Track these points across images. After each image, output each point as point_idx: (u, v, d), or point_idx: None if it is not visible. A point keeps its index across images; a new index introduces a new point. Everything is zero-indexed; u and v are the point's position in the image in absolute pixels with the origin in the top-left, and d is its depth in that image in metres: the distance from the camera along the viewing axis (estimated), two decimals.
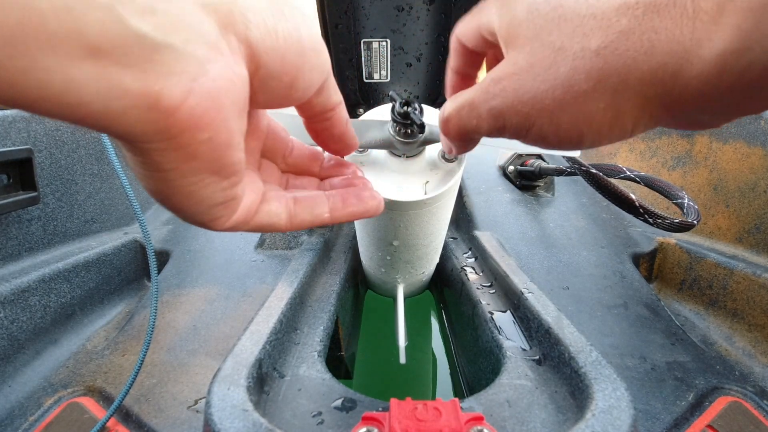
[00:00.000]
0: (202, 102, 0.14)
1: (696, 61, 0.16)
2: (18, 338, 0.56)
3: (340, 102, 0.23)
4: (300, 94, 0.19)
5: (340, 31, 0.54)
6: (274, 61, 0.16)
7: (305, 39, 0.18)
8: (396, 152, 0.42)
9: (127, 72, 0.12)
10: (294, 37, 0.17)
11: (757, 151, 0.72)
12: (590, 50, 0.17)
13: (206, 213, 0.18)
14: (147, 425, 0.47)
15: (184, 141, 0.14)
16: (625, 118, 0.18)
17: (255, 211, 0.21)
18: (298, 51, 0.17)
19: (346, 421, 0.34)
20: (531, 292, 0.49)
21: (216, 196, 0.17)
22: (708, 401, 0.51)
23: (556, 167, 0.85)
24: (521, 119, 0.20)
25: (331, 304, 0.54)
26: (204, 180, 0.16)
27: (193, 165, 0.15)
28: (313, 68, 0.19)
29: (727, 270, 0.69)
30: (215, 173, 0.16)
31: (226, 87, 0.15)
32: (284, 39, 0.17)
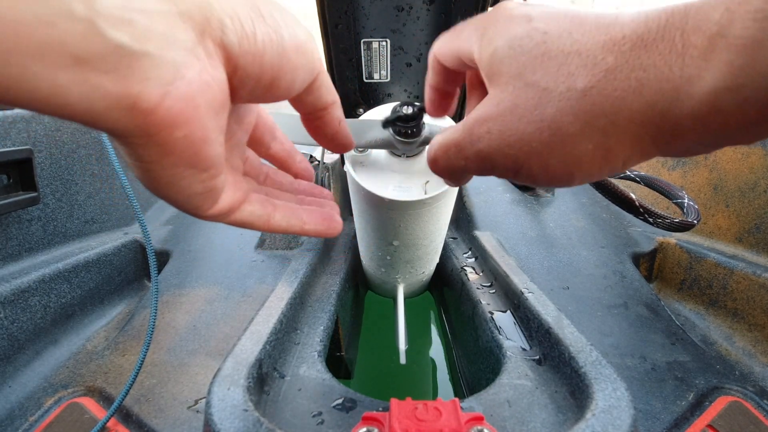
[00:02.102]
0: (178, 103, 0.15)
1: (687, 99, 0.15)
2: (18, 338, 0.56)
3: (334, 102, 0.24)
4: (282, 92, 0.20)
5: (340, 31, 0.54)
6: (252, 64, 0.17)
7: (287, 41, 0.18)
8: (396, 152, 0.42)
9: (107, 78, 0.13)
10: (273, 39, 0.18)
11: (757, 151, 0.72)
12: (576, 91, 0.17)
13: (187, 201, 0.19)
14: (147, 425, 0.47)
15: (161, 138, 0.16)
16: (615, 157, 0.18)
17: (237, 207, 0.23)
18: (277, 53, 0.18)
19: (346, 421, 0.34)
20: (531, 292, 0.49)
21: (195, 187, 0.18)
22: (708, 401, 0.50)
23: None
24: (509, 162, 0.20)
25: (331, 304, 0.54)
26: (182, 172, 0.17)
27: (171, 159, 0.17)
28: (296, 68, 0.19)
29: (727, 270, 0.69)
30: (193, 166, 0.17)
31: (201, 89, 0.16)
32: (262, 42, 0.17)
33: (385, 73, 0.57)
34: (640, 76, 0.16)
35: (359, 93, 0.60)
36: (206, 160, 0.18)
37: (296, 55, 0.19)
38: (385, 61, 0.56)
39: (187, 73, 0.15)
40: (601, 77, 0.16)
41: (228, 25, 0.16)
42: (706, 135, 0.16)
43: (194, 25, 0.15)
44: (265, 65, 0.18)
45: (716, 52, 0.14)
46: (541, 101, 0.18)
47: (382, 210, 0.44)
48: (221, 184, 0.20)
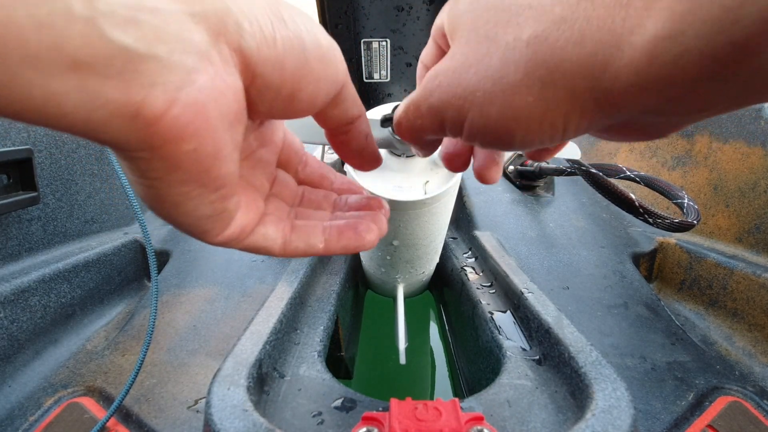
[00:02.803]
0: (187, 112, 0.14)
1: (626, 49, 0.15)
2: (18, 338, 0.56)
3: (360, 115, 0.22)
4: (304, 105, 0.18)
5: (340, 31, 0.54)
6: (272, 72, 0.16)
7: (309, 48, 0.17)
8: (396, 152, 0.42)
9: (108, 83, 0.12)
10: (295, 46, 0.16)
11: (757, 151, 0.72)
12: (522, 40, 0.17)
13: (195, 225, 0.17)
14: (147, 425, 0.47)
15: (167, 151, 0.14)
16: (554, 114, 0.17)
17: (250, 231, 0.21)
18: (299, 61, 0.17)
19: (346, 421, 0.34)
20: (531, 292, 0.49)
21: (203, 209, 0.17)
22: (708, 401, 0.51)
23: (556, 167, 0.85)
24: (455, 113, 0.19)
25: (331, 304, 0.54)
26: (191, 192, 0.16)
27: (178, 175, 0.15)
28: (318, 79, 0.18)
29: (727, 270, 0.69)
30: (202, 185, 0.16)
31: (214, 97, 0.14)
32: (283, 48, 0.16)
33: (385, 73, 0.57)
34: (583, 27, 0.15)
35: (359, 93, 0.60)
36: (218, 178, 0.16)
37: (319, 64, 0.17)
38: (385, 61, 0.56)
39: (198, 79, 0.14)
40: (546, 27, 0.16)
41: (246, 29, 0.15)
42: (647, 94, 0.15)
43: (208, 27, 0.14)
44: (286, 74, 0.16)
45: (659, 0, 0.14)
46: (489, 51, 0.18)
47: None
48: (234, 206, 0.18)
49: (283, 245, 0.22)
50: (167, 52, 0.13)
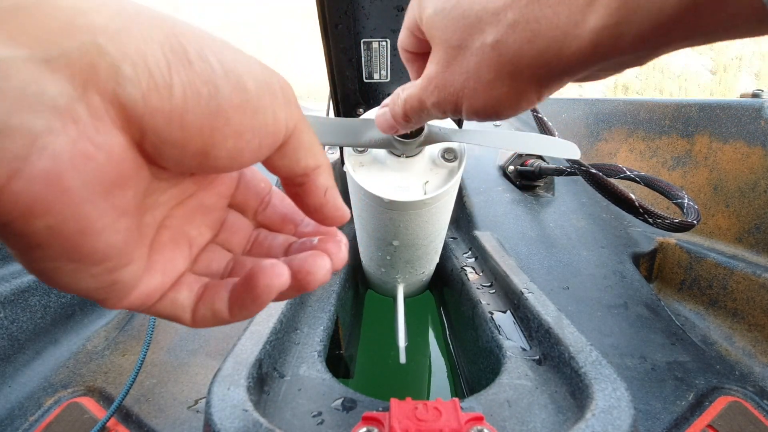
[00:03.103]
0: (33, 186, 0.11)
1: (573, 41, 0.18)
2: (18, 338, 0.56)
3: (318, 167, 0.19)
4: (226, 163, 0.15)
5: (340, 31, 0.53)
6: (166, 126, 0.13)
7: (225, 94, 0.14)
8: (396, 152, 0.42)
9: None
10: (202, 93, 0.13)
11: (757, 151, 0.72)
12: (487, 45, 0.21)
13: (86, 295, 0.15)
14: (147, 425, 0.47)
15: (17, 229, 0.12)
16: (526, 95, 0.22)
17: (159, 296, 0.18)
18: (208, 111, 0.13)
19: (346, 421, 0.34)
20: (531, 292, 0.49)
21: (85, 283, 0.14)
22: (708, 401, 0.50)
23: (556, 167, 0.85)
24: (453, 106, 0.25)
25: (331, 304, 0.54)
26: (62, 267, 0.13)
27: (42, 253, 0.13)
28: (241, 133, 0.14)
29: (727, 270, 0.69)
30: (75, 261, 0.13)
31: (74, 164, 0.12)
32: (183, 96, 0.13)
33: (385, 73, 0.57)
34: (534, 28, 0.19)
35: (359, 93, 0.60)
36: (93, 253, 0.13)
37: (240, 114, 0.14)
38: (385, 61, 0.56)
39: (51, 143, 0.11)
40: (504, 32, 0.20)
41: (126, 74, 0.12)
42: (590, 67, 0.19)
43: (72, 74, 0.11)
44: (190, 128, 0.13)
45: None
46: (464, 57, 0.22)
47: (382, 210, 0.44)
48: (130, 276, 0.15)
49: (192, 314, 0.18)
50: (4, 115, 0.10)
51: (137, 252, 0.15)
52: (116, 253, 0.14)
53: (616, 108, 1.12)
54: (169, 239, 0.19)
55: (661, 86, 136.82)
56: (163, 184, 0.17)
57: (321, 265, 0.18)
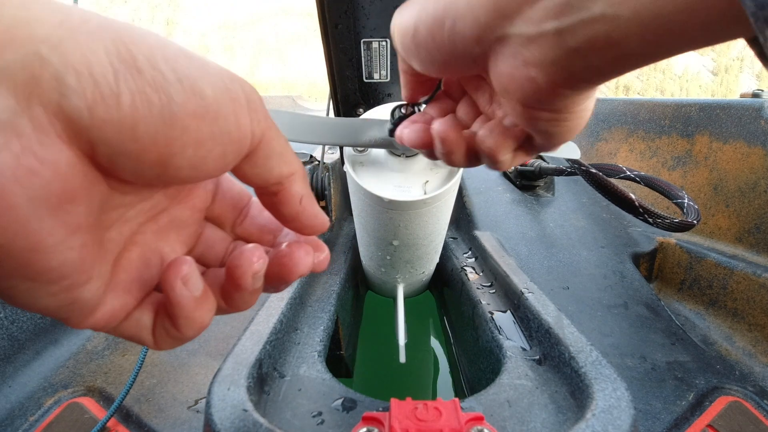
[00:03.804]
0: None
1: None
2: (18, 338, 0.56)
3: (291, 174, 0.18)
4: (190, 173, 0.14)
5: (340, 31, 0.53)
6: (117, 137, 0.12)
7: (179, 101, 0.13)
8: (396, 152, 0.42)
9: None
10: (153, 101, 0.13)
11: (757, 151, 0.72)
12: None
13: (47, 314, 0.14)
14: (147, 425, 0.47)
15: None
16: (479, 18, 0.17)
17: (124, 316, 0.17)
18: (161, 120, 0.13)
19: (346, 421, 0.34)
20: (531, 292, 0.49)
21: (44, 301, 0.14)
22: (708, 401, 0.51)
23: (556, 167, 0.85)
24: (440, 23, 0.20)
25: (331, 304, 0.54)
26: (18, 286, 0.13)
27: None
28: (201, 141, 0.14)
29: (727, 270, 0.69)
30: (30, 279, 0.13)
31: (19, 180, 0.11)
32: (132, 105, 0.12)
33: (385, 73, 0.57)
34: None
35: (359, 93, 0.60)
36: (48, 271, 0.13)
37: (198, 120, 0.14)
38: (385, 61, 0.56)
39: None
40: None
41: (71, 85, 0.12)
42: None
43: (14, 86, 0.11)
44: (143, 139, 0.13)
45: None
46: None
47: (382, 210, 0.44)
48: (91, 294, 0.15)
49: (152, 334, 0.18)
50: None
51: (96, 269, 0.15)
52: (72, 270, 0.13)
53: (616, 108, 1.12)
54: (138, 256, 0.18)
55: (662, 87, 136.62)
56: (129, 198, 0.16)
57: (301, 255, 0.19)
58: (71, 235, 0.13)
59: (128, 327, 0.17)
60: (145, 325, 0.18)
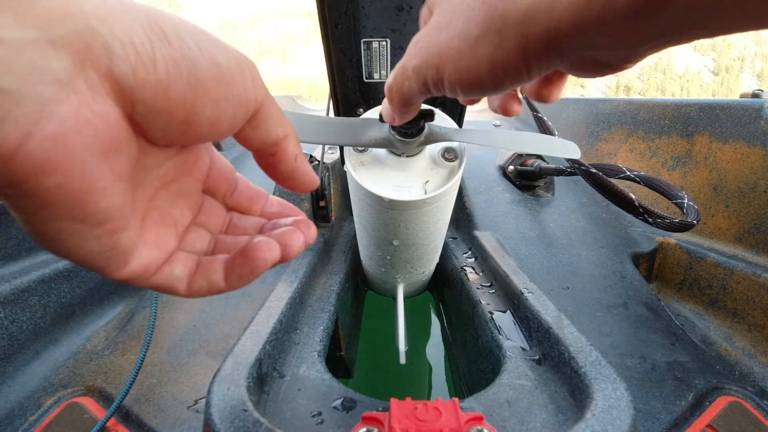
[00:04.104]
0: (45, 146, 0.13)
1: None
2: (18, 338, 0.56)
3: (286, 135, 0.21)
4: (206, 130, 0.17)
5: (340, 31, 0.54)
6: (154, 97, 0.15)
7: (202, 68, 0.16)
8: (396, 151, 0.42)
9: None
10: (182, 67, 0.15)
11: (757, 151, 0.72)
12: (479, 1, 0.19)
13: (85, 261, 0.16)
14: (147, 425, 0.47)
15: (30, 188, 0.13)
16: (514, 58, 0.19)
17: (156, 269, 0.20)
18: (188, 83, 0.16)
19: (346, 421, 0.34)
20: (531, 292, 0.49)
21: (89, 245, 0.16)
22: (708, 401, 0.51)
23: (556, 167, 0.85)
24: (434, 71, 0.22)
25: (331, 304, 0.54)
26: (69, 228, 0.15)
27: (50, 212, 0.14)
28: (217, 101, 0.17)
29: (727, 270, 0.69)
30: (80, 221, 0.15)
31: (78, 128, 0.13)
32: (166, 71, 0.15)
33: (385, 73, 0.57)
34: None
35: (359, 93, 0.60)
36: (96, 213, 0.15)
37: (217, 84, 0.16)
38: (385, 61, 0.56)
39: (58, 110, 0.13)
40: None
41: (117, 52, 0.14)
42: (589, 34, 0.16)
43: (71, 53, 0.13)
44: (174, 98, 0.15)
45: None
46: (455, 15, 0.20)
47: (382, 209, 0.44)
48: (128, 242, 0.17)
49: (188, 285, 0.21)
50: (17, 84, 0.12)
51: (132, 219, 0.17)
52: (114, 214, 0.16)
53: (616, 108, 1.12)
54: (158, 218, 0.20)
55: (663, 87, 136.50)
56: (150, 160, 0.19)
57: (297, 238, 0.22)
58: (116, 182, 0.15)
59: (161, 279, 0.20)
60: (178, 277, 0.21)
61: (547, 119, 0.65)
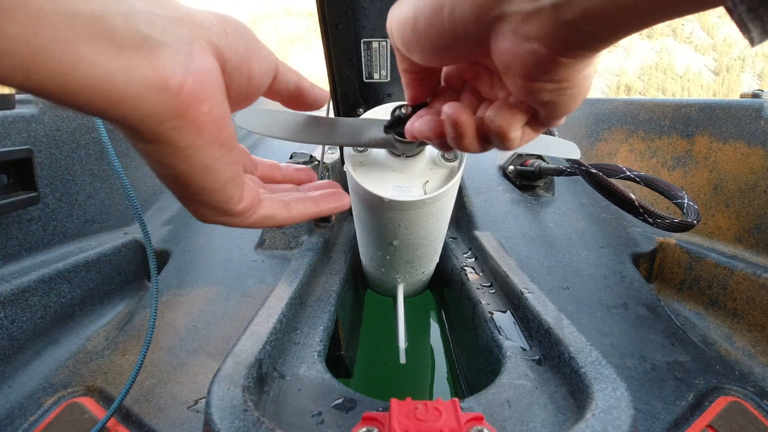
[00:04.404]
0: (197, 81, 0.18)
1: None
2: (18, 338, 0.56)
3: (299, 77, 0.28)
4: (258, 82, 0.24)
5: (340, 31, 0.54)
6: (232, 56, 0.21)
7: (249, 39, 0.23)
8: (396, 152, 0.42)
9: (142, 63, 0.17)
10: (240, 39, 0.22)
11: (757, 151, 0.72)
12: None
13: (222, 191, 0.22)
14: (147, 425, 0.47)
15: (192, 115, 0.19)
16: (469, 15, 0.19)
17: (258, 204, 0.25)
18: (246, 46, 0.22)
19: (346, 421, 0.34)
20: (531, 292, 0.49)
21: (227, 170, 0.21)
22: (708, 401, 0.51)
23: (556, 167, 0.85)
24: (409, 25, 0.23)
25: (331, 304, 0.54)
26: (215, 153, 0.20)
27: (203, 138, 0.19)
28: (261, 59, 0.23)
29: (727, 270, 0.69)
30: (221, 145, 0.20)
31: (208, 70, 0.19)
32: (234, 39, 0.21)
33: (385, 73, 0.57)
34: None
35: (359, 93, 0.60)
36: (230, 138, 0.21)
37: (258, 48, 0.23)
38: (385, 61, 0.56)
39: (195, 59, 0.19)
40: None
41: (210, 28, 0.20)
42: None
43: (188, 27, 0.19)
44: (242, 55, 0.22)
45: None
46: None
47: (382, 210, 0.44)
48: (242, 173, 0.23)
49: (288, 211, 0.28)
50: (172, 40, 0.18)
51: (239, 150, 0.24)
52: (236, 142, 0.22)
53: (616, 108, 1.12)
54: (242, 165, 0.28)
55: (663, 87, 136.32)
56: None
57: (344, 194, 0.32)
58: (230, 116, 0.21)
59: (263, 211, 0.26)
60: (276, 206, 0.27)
61: None
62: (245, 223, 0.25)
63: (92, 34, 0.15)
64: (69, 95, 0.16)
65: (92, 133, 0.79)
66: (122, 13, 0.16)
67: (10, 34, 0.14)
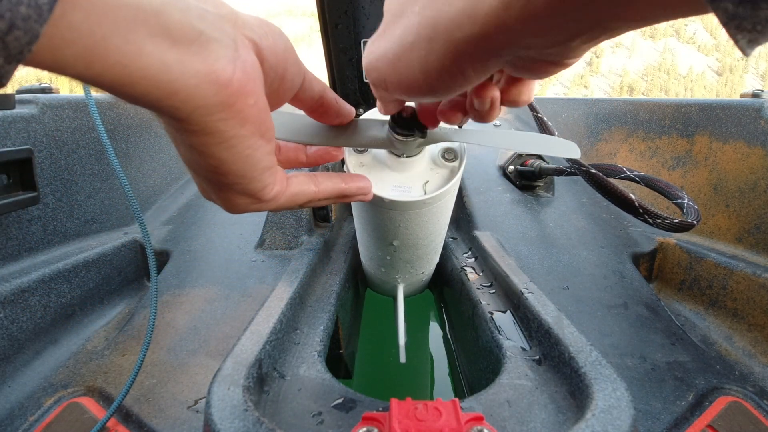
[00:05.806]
0: (244, 76, 0.20)
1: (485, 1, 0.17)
2: (18, 338, 0.56)
3: (324, 87, 0.28)
4: (289, 85, 0.25)
5: (340, 31, 0.54)
6: (271, 56, 0.22)
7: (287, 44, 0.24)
8: (396, 152, 0.42)
9: (196, 58, 0.18)
10: (279, 43, 0.23)
11: (757, 151, 0.72)
12: (414, 12, 0.21)
13: (259, 179, 0.23)
14: (147, 425, 0.47)
15: (239, 106, 0.20)
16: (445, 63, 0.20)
17: (287, 183, 0.27)
18: (284, 50, 0.23)
19: (346, 421, 0.34)
20: (531, 292, 0.49)
21: (265, 159, 0.23)
22: (708, 401, 0.51)
23: (556, 167, 0.85)
24: (377, 74, 0.25)
25: (331, 304, 0.54)
26: (256, 142, 0.22)
27: (247, 129, 0.21)
28: (295, 63, 0.24)
29: (727, 270, 0.69)
30: (261, 135, 0.22)
31: (253, 66, 0.20)
32: (273, 40, 0.22)
33: None
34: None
35: (359, 93, 0.60)
36: (270, 129, 0.22)
37: (293, 54, 0.24)
38: None
39: (241, 54, 0.20)
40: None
41: (251, 27, 0.21)
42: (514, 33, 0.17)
43: (232, 24, 0.20)
44: (279, 56, 0.23)
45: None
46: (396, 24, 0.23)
47: (382, 210, 0.44)
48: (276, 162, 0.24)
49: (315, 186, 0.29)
50: (221, 36, 0.19)
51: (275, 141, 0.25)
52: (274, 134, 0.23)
53: (616, 108, 1.12)
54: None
55: (666, 87, 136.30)
56: None
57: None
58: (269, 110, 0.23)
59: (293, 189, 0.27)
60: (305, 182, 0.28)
61: (547, 119, 0.65)
62: (276, 205, 0.26)
63: (151, 27, 0.16)
64: (127, 86, 0.16)
65: (92, 133, 0.79)
66: (178, 8, 0.17)
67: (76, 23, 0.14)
